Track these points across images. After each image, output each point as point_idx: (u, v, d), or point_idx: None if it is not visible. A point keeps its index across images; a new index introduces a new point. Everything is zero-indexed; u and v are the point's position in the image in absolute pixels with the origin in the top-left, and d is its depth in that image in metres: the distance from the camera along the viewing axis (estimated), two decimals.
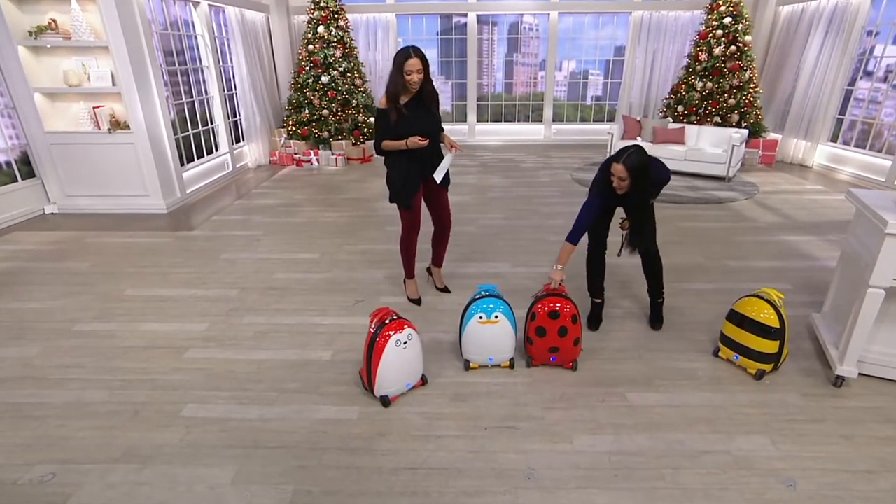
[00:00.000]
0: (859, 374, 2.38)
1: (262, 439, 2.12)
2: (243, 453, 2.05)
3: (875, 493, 1.83)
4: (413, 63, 2.62)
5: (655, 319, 3.01)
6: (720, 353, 2.66)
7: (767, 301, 2.44)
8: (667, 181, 2.67)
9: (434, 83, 2.83)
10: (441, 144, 2.97)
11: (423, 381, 2.46)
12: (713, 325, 2.99)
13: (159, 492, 1.86)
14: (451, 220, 3.24)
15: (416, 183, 2.94)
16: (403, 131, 2.77)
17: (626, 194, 2.59)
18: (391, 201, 3.03)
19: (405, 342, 2.26)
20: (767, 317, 2.41)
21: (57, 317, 3.15)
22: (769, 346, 2.43)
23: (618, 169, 2.48)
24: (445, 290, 3.42)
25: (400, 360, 2.27)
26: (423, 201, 3.10)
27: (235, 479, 1.92)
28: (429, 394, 2.41)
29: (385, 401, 2.30)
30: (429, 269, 3.51)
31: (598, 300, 3.06)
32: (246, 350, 2.79)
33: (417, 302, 3.29)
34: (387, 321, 2.27)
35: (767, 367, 2.47)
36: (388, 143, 2.84)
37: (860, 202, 2.35)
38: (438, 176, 2.86)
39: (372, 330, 2.28)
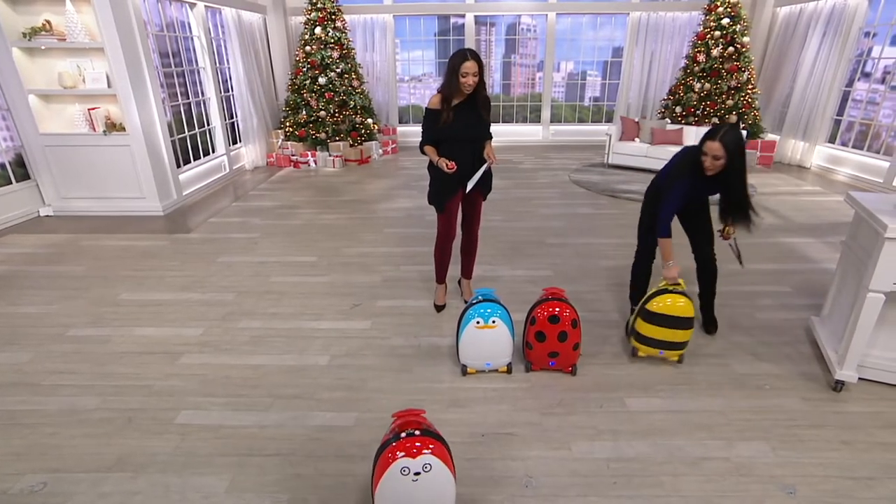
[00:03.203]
0: (859, 378, 2.37)
1: (257, 447, 2.10)
2: (238, 461, 2.02)
3: (876, 500, 1.82)
4: (469, 66, 2.57)
5: (710, 322, 2.96)
6: (639, 353, 2.64)
7: (679, 293, 2.46)
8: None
9: (487, 88, 2.78)
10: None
11: None
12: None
13: (152, 501, 1.84)
14: (478, 230, 3.16)
15: (453, 188, 2.86)
16: (449, 133, 2.73)
17: (717, 177, 2.43)
18: (429, 203, 3.01)
19: (417, 473, 1.58)
20: (684, 308, 2.45)
21: (50, 321, 3.12)
22: (687, 335, 2.52)
23: (713, 147, 2.31)
24: None
25: (405, 491, 1.60)
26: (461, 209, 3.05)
27: (230, 487, 1.89)
28: (425, 399, 2.38)
29: None
30: (459, 281, 3.43)
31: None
32: (242, 355, 2.76)
33: (440, 308, 3.24)
34: (403, 434, 1.62)
35: (684, 350, 2.59)
36: (428, 149, 2.81)
37: (859, 206, 2.33)
38: (469, 184, 2.82)
39: (388, 435, 1.69)
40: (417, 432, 1.63)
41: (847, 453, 2.04)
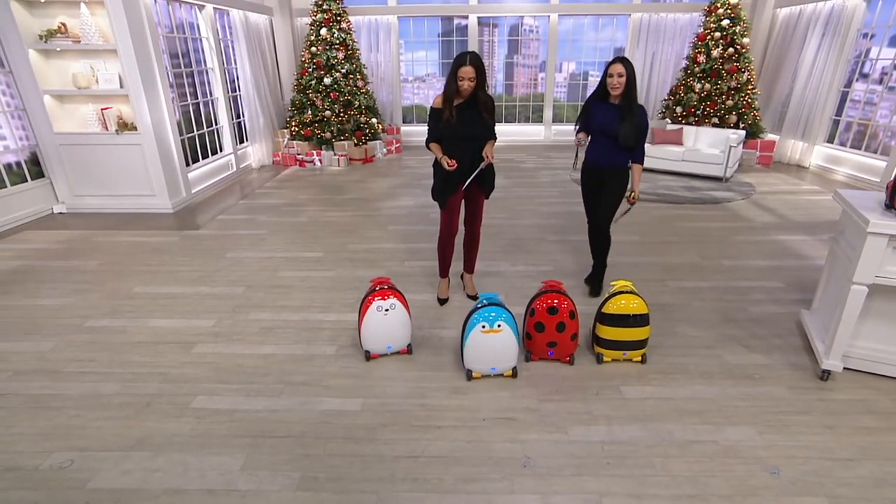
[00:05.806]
0: (844, 368, 2.47)
1: (269, 429, 2.21)
2: (251, 442, 2.14)
3: (854, 479, 1.92)
4: (466, 71, 2.69)
5: (597, 288, 3.43)
6: (605, 359, 2.68)
7: (630, 293, 2.57)
8: (647, 124, 3.18)
9: (488, 91, 2.89)
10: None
11: (409, 349, 2.74)
12: (707, 322, 3.09)
13: (173, 477, 1.96)
14: (480, 228, 3.27)
15: (454, 185, 2.98)
16: (450, 132, 2.86)
17: (617, 100, 3.08)
18: (432, 198, 3.13)
19: (387, 309, 2.56)
20: (638, 307, 2.55)
21: (68, 313, 3.25)
22: (646, 332, 2.61)
23: (616, 67, 2.97)
24: (475, 298, 3.36)
25: (381, 324, 2.59)
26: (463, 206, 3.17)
27: (245, 466, 2.01)
28: (429, 387, 2.50)
29: (367, 355, 2.67)
30: (462, 276, 3.53)
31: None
32: (252, 345, 2.88)
33: (442, 301, 3.34)
34: (377, 288, 2.60)
35: (646, 350, 2.68)
36: (433, 146, 2.95)
37: (846, 202, 2.43)
38: (464, 184, 2.94)
39: (368, 291, 2.63)
40: (386, 287, 2.63)
41: (829, 437, 2.14)
